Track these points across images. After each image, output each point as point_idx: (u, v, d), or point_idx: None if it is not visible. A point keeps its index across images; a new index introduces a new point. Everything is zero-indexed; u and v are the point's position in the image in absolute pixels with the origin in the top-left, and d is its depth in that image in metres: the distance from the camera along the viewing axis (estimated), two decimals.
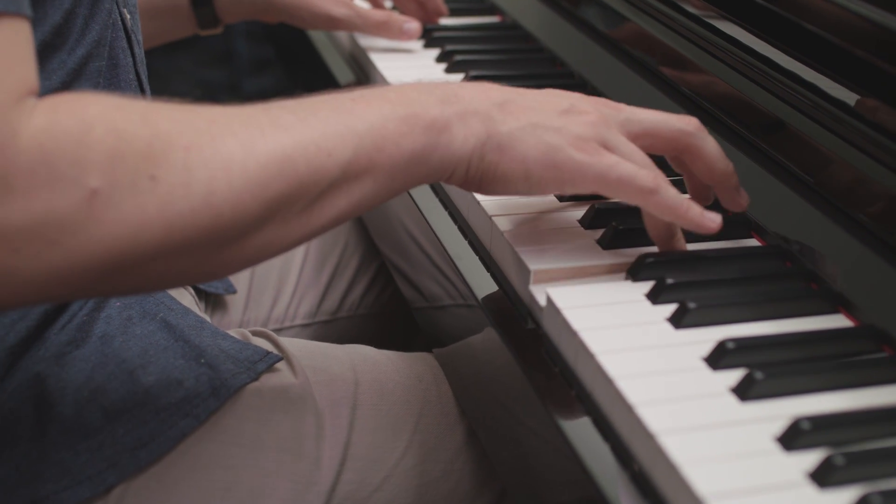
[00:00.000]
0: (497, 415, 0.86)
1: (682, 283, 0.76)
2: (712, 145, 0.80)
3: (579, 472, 0.69)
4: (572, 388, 0.73)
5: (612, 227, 0.82)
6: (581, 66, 1.16)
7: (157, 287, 0.74)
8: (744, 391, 0.67)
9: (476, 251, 0.89)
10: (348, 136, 0.69)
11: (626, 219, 0.82)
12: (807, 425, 0.62)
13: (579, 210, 0.87)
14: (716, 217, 0.76)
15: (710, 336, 0.72)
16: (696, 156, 0.79)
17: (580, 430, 0.71)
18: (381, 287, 1.24)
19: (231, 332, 0.91)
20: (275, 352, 0.88)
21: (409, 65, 1.21)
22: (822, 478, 0.60)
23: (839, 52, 0.86)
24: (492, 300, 0.84)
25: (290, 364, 0.88)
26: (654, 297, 0.76)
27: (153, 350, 0.83)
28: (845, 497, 0.59)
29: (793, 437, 0.63)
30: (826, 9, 0.88)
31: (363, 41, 1.26)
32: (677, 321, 0.73)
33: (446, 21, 1.32)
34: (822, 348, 0.71)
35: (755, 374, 0.67)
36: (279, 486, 0.83)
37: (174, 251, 0.63)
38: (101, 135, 0.61)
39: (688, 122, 0.79)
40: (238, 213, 0.65)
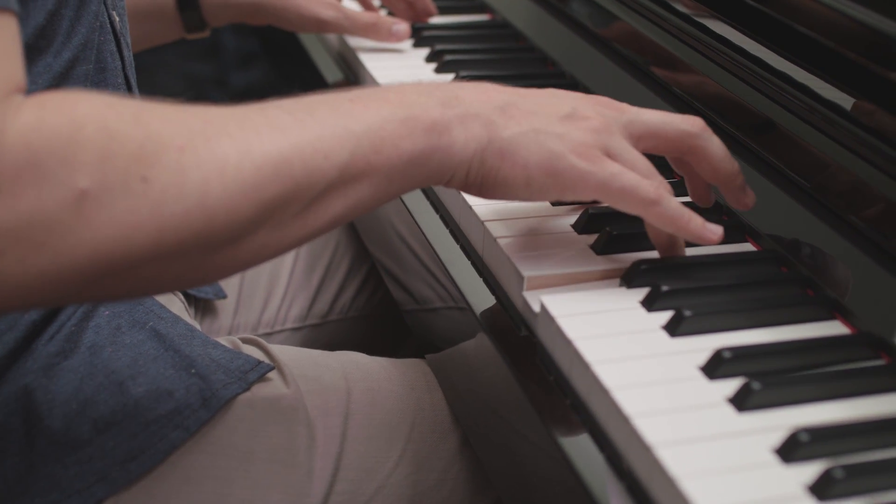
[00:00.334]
0: (491, 423, 0.85)
1: (677, 291, 0.75)
2: (717, 146, 0.78)
3: (575, 482, 0.69)
4: (567, 398, 0.73)
5: (606, 233, 0.81)
6: (572, 65, 1.15)
7: (149, 292, 0.72)
8: (741, 401, 0.66)
9: (468, 256, 0.88)
10: (346, 138, 0.67)
11: (619, 224, 0.81)
12: (805, 437, 0.62)
13: (573, 215, 0.86)
14: (717, 229, 0.75)
15: (706, 344, 0.71)
16: (700, 157, 0.78)
17: (575, 440, 0.70)
18: (371, 290, 1.23)
19: (221, 340, 0.90)
20: (266, 360, 0.87)
21: (398, 64, 1.20)
22: (822, 491, 0.59)
23: (831, 54, 0.85)
24: (484, 307, 0.83)
25: (282, 373, 0.87)
26: (649, 304, 0.75)
27: (143, 360, 0.82)
28: None
29: (791, 450, 0.62)
30: (816, 9, 0.87)
31: (352, 41, 1.25)
32: (673, 329, 0.73)
33: (435, 20, 1.31)
34: (819, 356, 0.71)
35: (752, 384, 0.66)
36: (271, 498, 0.82)
37: (166, 255, 0.62)
38: (91, 134, 0.59)
39: (692, 123, 0.78)
40: (232, 215, 0.63)
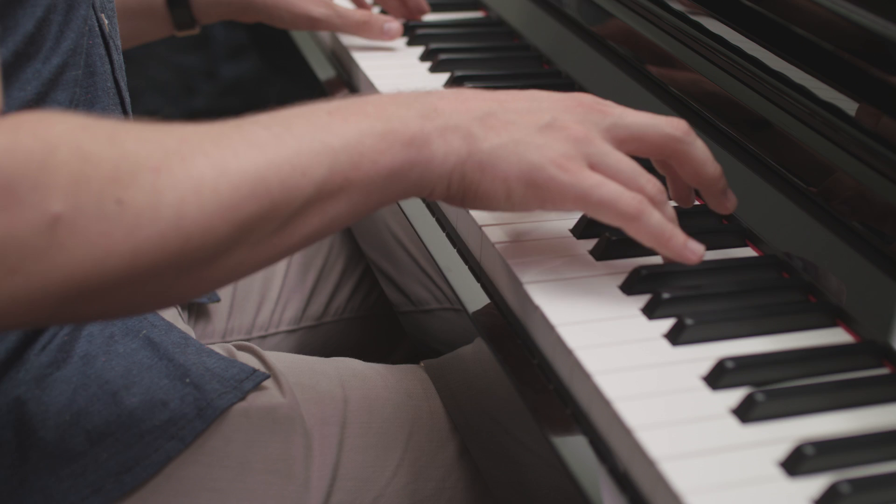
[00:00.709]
0: (490, 430, 0.84)
1: (678, 298, 0.74)
2: (700, 149, 0.77)
3: (575, 492, 0.68)
4: (568, 407, 0.72)
5: (605, 238, 0.80)
6: (566, 63, 1.14)
7: (123, 313, 0.72)
8: (745, 413, 0.65)
9: (465, 261, 0.87)
10: (323, 153, 0.66)
11: (618, 229, 0.80)
12: (811, 450, 0.61)
13: (571, 219, 0.85)
14: (698, 248, 0.74)
15: (709, 353, 0.71)
16: (683, 160, 0.77)
17: (576, 450, 0.69)
18: (366, 291, 1.22)
19: (216, 347, 0.89)
20: (261, 368, 0.86)
21: (392, 63, 1.18)
22: None
23: (828, 55, 0.84)
24: (482, 313, 0.82)
25: (278, 381, 0.86)
26: (650, 311, 0.74)
27: (136, 369, 0.81)
28: None
29: (797, 463, 0.61)
30: (813, 9, 0.86)
31: (346, 39, 1.23)
32: (674, 338, 0.72)
33: (429, 17, 1.29)
34: (822, 365, 0.70)
35: (756, 395, 0.65)
36: None
37: (141, 277, 0.61)
38: (65, 157, 0.58)
39: (676, 127, 0.77)
40: (208, 236, 0.62)
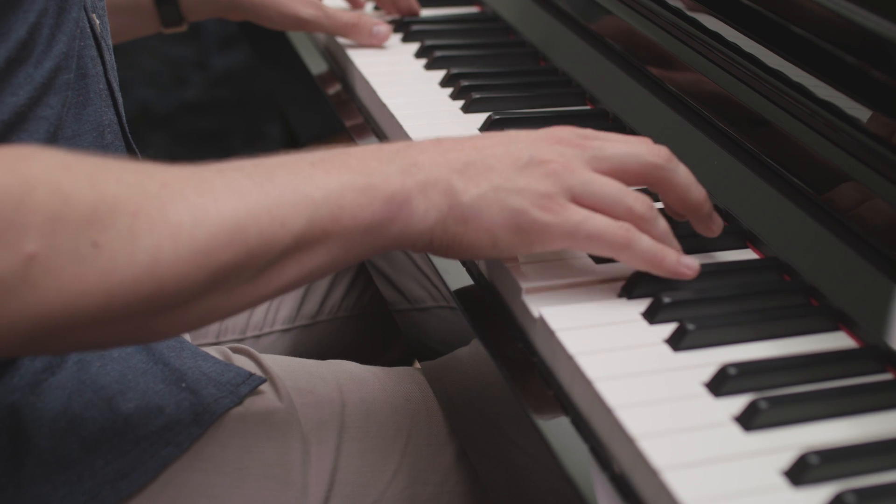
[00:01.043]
0: (488, 434, 0.83)
1: (679, 302, 0.74)
2: (684, 175, 0.77)
3: (574, 497, 0.67)
4: (568, 414, 0.71)
5: None
6: (562, 60, 1.13)
7: (92, 349, 0.73)
8: (748, 421, 0.65)
9: (464, 263, 0.87)
10: (303, 205, 0.66)
11: None
12: (815, 459, 0.61)
13: None
14: (692, 264, 0.74)
15: (710, 359, 0.70)
16: (667, 187, 0.77)
17: (576, 457, 0.69)
18: (361, 289, 1.21)
19: (211, 349, 0.88)
20: (258, 372, 0.86)
21: (387, 60, 1.17)
22: None
23: (825, 53, 0.84)
24: (480, 315, 0.82)
25: (275, 385, 0.85)
26: (651, 316, 0.74)
27: (132, 374, 0.80)
28: None
29: (801, 472, 0.61)
30: (811, 7, 0.85)
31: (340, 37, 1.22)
32: (676, 343, 0.71)
33: (424, 13, 1.28)
34: (826, 371, 0.69)
35: (759, 403, 0.64)
36: None
37: (112, 318, 0.61)
38: (43, 197, 0.58)
39: (657, 154, 0.76)
40: (183, 281, 0.62)
